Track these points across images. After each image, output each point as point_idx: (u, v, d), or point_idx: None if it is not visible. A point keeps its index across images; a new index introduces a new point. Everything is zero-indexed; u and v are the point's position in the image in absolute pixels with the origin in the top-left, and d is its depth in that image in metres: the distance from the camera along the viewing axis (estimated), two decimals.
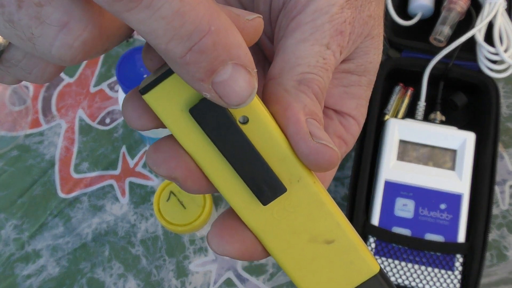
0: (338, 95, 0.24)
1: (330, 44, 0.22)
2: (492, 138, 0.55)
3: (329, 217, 0.21)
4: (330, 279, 0.22)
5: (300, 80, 0.21)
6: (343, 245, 0.21)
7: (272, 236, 0.21)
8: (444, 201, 0.53)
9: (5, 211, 0.58)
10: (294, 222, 0.21)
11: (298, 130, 0.20)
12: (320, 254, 0.21)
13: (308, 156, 0.20)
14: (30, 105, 0.61)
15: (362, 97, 0.24)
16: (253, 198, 0.20)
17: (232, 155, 0.20)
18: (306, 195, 0.21)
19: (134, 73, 0.45)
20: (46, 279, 0.56)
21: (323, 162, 0.20)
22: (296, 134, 0.20)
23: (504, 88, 0.61)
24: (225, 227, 0.21)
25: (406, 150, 0.54)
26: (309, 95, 0.21)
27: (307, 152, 0.20)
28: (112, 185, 0.59)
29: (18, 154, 0.60)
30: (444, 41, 0.58)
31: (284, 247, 0.21)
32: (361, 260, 0.22)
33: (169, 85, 0.19)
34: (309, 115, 0.21)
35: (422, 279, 0.52)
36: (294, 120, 0.20)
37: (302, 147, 0.20)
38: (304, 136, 0.20)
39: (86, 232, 0.57)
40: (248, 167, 0.20)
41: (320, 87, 0.21)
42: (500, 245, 0.56)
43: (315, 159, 0.20)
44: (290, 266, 0.22)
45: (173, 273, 0.56)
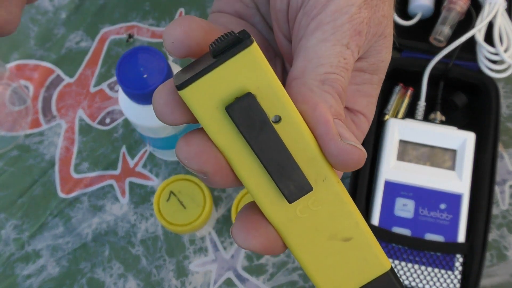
0: (351, 93, 0.25)
1: (350, 44, 0.22)
2: (492, 138, 0.55)
3: (349, 215, 0.22)
4: (344, 274, 0.22)
5: (324, 80, 0.21)
6: (360, 242, 0.22)
7: (293, 233, 0.22)
8: (444, 201, 0.53)
9: (5, 211, 0.58)
10: (316, 220, 0.22)
11: (327, 131, 0.20)
12: (337, 250, 0.22)
13: (338, 157, 0.20)
14: (30, 105, 0.61)
15: (373, 95, 0.25)
16: (279, 195, 0.21)
17: (263, 153, 0.20)
18: (330, 194, 0.21)
19: (134, 73, 0.45)
20: (46, 279, 0.56)
21: (351, 162, 0.20)
22: (326, 135, 0.20)
23: (504, 88, 0.61)
24: (250, 221, 0.21)
25: (406, 150, 0.54)
26: (334, 96, 0.21)
27: (336, 152, 0.20)
28: (112, 185, 0.59)
29: (18, 154, 0.60)
30: (444, 41, 0.58)
31: (303, 243, 0.22)
32: (375, 257, 0.22)
33: (207, 82, 0.20)
34: (335, 116, 0.21)
35: (422, 279, 0.52)
36: (324, 121, 0.21)
37: (332, 147, 0.20)
38: (334, 137, 0.20)
39: (86, 232, 0.57)
40: (278, 165, 0.20)
41: (343, 87, 0.22)
42: (500, 245, 0.56)
43: (343, 160, 0.20)
44: (307, 261, 0.22)
45: (173, 273, 0.56)
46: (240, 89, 0.20)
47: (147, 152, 0.60)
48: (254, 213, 0.22)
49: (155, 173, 0.59)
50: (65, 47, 0.63)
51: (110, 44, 0.63)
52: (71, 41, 0.63)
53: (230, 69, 0.19)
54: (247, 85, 0.20)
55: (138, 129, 0.52)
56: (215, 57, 0.19)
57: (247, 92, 0.20)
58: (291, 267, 0.55)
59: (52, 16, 0.64)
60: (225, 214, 0.57)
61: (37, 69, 0.63)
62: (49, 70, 0.63)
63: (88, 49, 0.63)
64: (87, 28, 0.64)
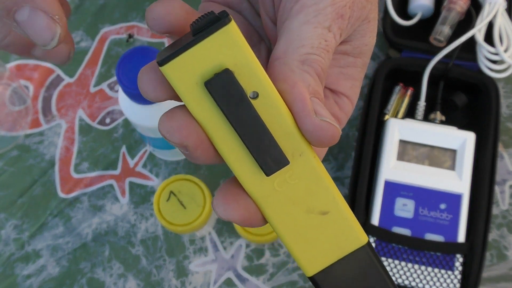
0: (335, 75, 0.25)
1: (332, 27, 0.23)
2: (492, 138, 0.55)
3: (326, 190, 0.22)
4: (321, 247, 0.23)
5: (304, 61, 0.22)
6: (336, 216, 0.23)
7: (271, 205, 0.22)
8: (444, 201, 0.53)
9: (5, 211, 0.58)
10: (294, 193, 0.22)
11: (304, 108, 0.21)
12: (315, 224, 0.23)
13: (313, 133, 0.21)
14: (30, 105, 0.61)
15: (357, 78, 0.26)
16: (257, 169, 0.22)
17: (241, 127, 0.21)
18: (306, 168, 0.22)
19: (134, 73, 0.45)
20: (46, 279, 0.56)
21: (325, 138, 0.21)
22: (302, 111, 0.21)
23: (504, 88, 0.61)
24: (230, 193, 0.22)
25: (406, 150, 0.54)
26: (313, 75, 0.22)
27: (311, 128, 0.21)
28: (112, 185, 0.59)
29: (18, 154, 0.60)
30: (444, 41, 0.58)
31: (281, 216, 0.23)
32: (352, 231, 0.23)
33: (187, 59, 0.20)
34: (312, 94, 0.22)
35: (422, 279, 0.52)
36: (301, 98, 0.21)
37: (307, 123, 0.21)
38: (309, 114, 0.21)
39: (86, 232, 0.57)
40: (256, 139, 0.21)
41: (322, 68, 0.23)
42: (500, 245, 0.56)
43: (318, 135, 0.21)
44: (285, 234, 0.23)
45: (173, 273, 0.56)
46: (219, 65, 0.21)
47: (147, 152, 0.60)
48: (235, 186, 0.23)
49: (155, 173, 0.59)
50: None
51: (110, 44, 0.63)
52: None
53: (209, 46, 0.20)
54: (225, 62, 0.21)
55: (138, 129, 0.52)
56: (195, 35, 0.20)
57: (225, 69, 0.20)
58: (291, 267, 0.55)
59: None
60: None
61: (37, 69, 0.63)
62: (49, 70, 0.63)
63: (88, 49, 0.63)
64: (87, 28, 0.64)
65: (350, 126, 0.60)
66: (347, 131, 0.60)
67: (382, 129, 0.56)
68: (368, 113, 0.57)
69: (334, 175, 0.58)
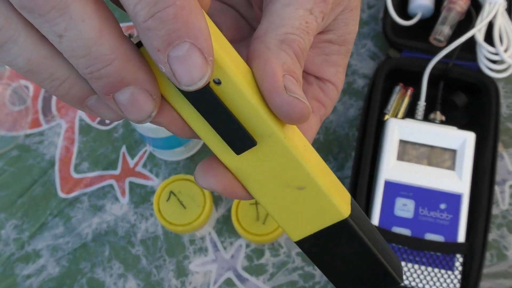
0: (319, 62, 0.26)
1: (313, 10, 0.23)
2: (492, 138, 0.55)
3: (298, 168, 0.23)
4: (303, 218, 0.24)
5: (283, 40, 0.22)
6: (313, 192, 0.23)
7: (249, 179, 0.23)
8: (444, 201, 0.53)
9: (5, 211, 0.58)
10: (268, 169, 0.23)
11: (273, 84, 0.21)
12: (293, 197, 0.24)
13: (281, 108, 0.21)
14: (30, 105, 0.61)
15: (341, 64, 0.26)
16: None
17: (206, 112, 0.21)
18: (277, 148, 0.22)
19: None
20: (46, 279, 0.56)
21: (294, 114, 0.21)
22: (272, 87, 0.21)
23: (504, 88, 0.61)
24: (210, 164, 0.23)
25: (406, 150, 0.54)
26: (290, 54, 0.22)
27: (279, 104, 0.21)
28: (112, 185, 0.59)
29: (18, 154, 0.60)
30: (444, 41, 0.58)
31: (261, 189, 0.23)
32: (331, 205, 0.24)
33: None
34: (287, 72, 0.22)
35: (422, 279, 0.52)
36: (271, 74, 0.21)
37: (276, 99, 0.21)
38: (278, 90, 0.21)
39: (86, 232, 0.57)
40: (220, 123, 0.21)
41: (301, 48, 0.23)
42: (500, 245, 0.56)
43: (286, 111, 0.21)
44: (268, 204, 0.24)
45: (173, 273, 0.56)
46: None
47: (147, 152, 0.60)
48: (215, 160, 0.23)
49: (155, 173, 0.59)
50: None
51: None
52: None
53: None
54: None
55: (138, 129, 0.52)
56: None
57: None
58: (291, 267, 0.55)
59: None
60: (225, 214, 0.57)
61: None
62: None
63: None
64: None
65: (350, 126, 0.60)
66: (347, 131, 0.60)
67: (382, 129, 0.56)
68: (368, 113, 0.57)
69: (334, 175, 0.58)
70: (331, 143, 0.59)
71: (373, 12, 0.65)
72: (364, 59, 0.63)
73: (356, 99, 0.61)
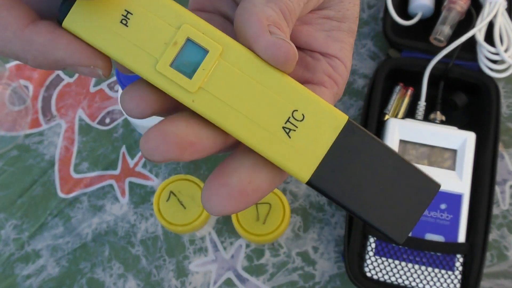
0: (322, 38, 0.26)
1: None
2: (492, 138, 0.55)
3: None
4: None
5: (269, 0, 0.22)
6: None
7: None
8: (444, 201, 0.53)
9: (5, 211, 0.58)
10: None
11: (257, 28, 0.21)
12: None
13: (266, 50, 0.21)
14: (30, 105, 0.61)
15: (345, 41, 0.26)
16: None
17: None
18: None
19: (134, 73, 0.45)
20: (46, 279, 0.56)
21: (280, 55, 0.21)
22: (255, 32, 0.21)
23: (504, 88, 0.61)
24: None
25: (406, 150, 0.54)
26: (275, 10, 0.22)
27: (264, 45, 0.21)
28: (112, 185, 0.59)
29: (18, 154, 0.60)
30: (444, 41, 0.58)
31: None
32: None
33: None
34: (272, 23, 0.22)
35: (422, 279, 0.51)
36: (255, 21, 0.21)
37: (261, 42, 0.21)
38: (262, 32, 0.21)
39: (86, 232, 0.57)
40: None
41: (289, 10, 0.23)
42: (500, 245, 0.56)
43: (272, 52, 0.21)
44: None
45: (173, 273, 0.56)
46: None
47: None
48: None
49: (155, 173, 0.59)
50: None
51: None
52: None
53: None
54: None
55: (138, 129, 0.52)
56: None
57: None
58: (291, 267, 0.55)
59: None
60: None
61: (37, 69, 0.63)
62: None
63: None
64: None
65: None
66: None
67: (382, 129, 0.56)
68: (368, 113, 0.56)
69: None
70: None
71: (373, 12, 0.65)
72: (364, 59, 0.63)
73: (356, 99, 0.61)
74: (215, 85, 0.21)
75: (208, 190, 0.21)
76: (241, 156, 0.22)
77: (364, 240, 0.53)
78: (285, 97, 0.21)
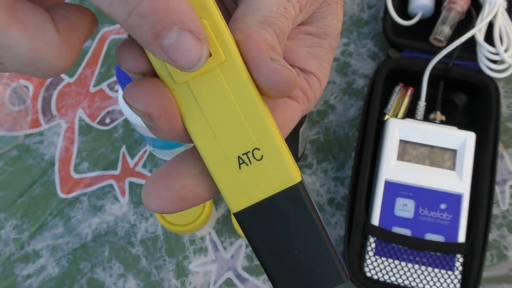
0: (302, 54, 0.26)
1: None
2: (492, 138, 0.55)
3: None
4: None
5: (262, 21, 0.22)
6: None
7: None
8: (444, 201, 0.53)
9: (5, 211, 0.58)
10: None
11: (258, 53, 0.21)
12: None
13: (268, 76, 0.21)
14: (30, 105, 0.61)
15: (324, 59, 0.26)
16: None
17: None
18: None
19: None
20: (46, 279, 0.56)
21: (281, 82, 0.21)
22: (257, 56, 0.21)
23: (504, 88, 0.61)
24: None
25: (406, 150, 0.54)
26: (270, 33, 0.22)
27: (266, 72, 0.21)
28: (112, 185, 0.59)
29: (18, 154, 0.60)
30: (444, 41, 0.58)
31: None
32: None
33: None
34: (269, 47, 0.22)
35: (422, 279, 0.51)
36: (255, 45, 0.21)
37: (263, 67, 0.21)
38: (265, 58, 0.21)
39: (86, 232, 0.57)
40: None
41: (281, 31, 0.22)
42: (500, 245, 0.56)
43: (274, 79, 0.21)
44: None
45: (173, 273, 0.56)
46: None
47: (147, 152, 0.60)
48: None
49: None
50: None
51: (110, 44, 0.63)
52: None
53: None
54: None
55: (138, 129, 0.52)
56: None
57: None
58: None
59: None
60: (225, 214, 0.57)
61: None
62: None
63: (88, 49, 0.63)
64: None
65: (350, 126, 0.60)
66: (347, 131, 0.60)
67: (382, 129, 0.56)
68: (368, 113, 0.56)
69: (334, 175, 0.58)
70: (331, 143, 0.59)
71: (373, 12, 0.65)
72: (364, 59, 0.63)
73: (356, 99, 0.61)
74: (200, 87, 0.21)
75: (149, 187, 0.22)
76: (190, 161, 0.22)
77: (364, 240, 0.53)
78: (255, 132, 0.22)
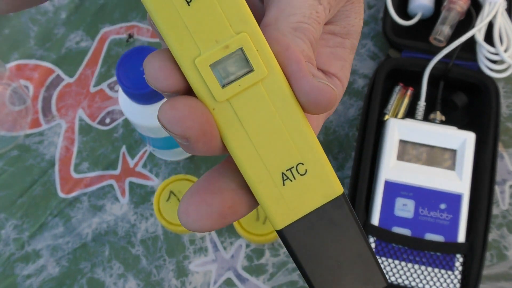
0: (326, 55, 0.25)
1: (322, 0, 0.23)
2: (492, 138, 0.55)
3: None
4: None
5: (296, 28, 0.22)
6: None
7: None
8: (444, 201, 0.53)
9: (5, 211, 0.58)
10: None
11: (300, 68, 0.20)
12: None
13: (310, 93, 0.20)
14: (30, 105, 0.61)
15: (346, 59, 0.26)
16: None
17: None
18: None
19: (134, 73, 0.45)
20: (46, 279, 0.56)
21: (323, 100, 0.20)
22: (299, 72, 0.20)
23: (504, 88, 0.61)
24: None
25: (406, 150, 0.54)
26: (305, 42, 0.22)
27: (308, 89, 0.20)
28: (112, 185, 0.59)
29: (18, 154, 0.60)
30: (444, 41, 0.58)
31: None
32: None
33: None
34: (306, 59, 0.21)
35: (422, 279, 0.52)
36: (296, 59, 0.21)
37: (304, 84, 0.20)
38: (306, 74, 0.20)
39: (86, 232, 0.57)
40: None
41: (314, 37, 0.22)
42: (500, 245, 0.56)
43: (315, 97, 0.20)
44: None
45: (173, 273, 0.56)
46: None
47: (147, 152, 0.60)
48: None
49: (155, 173, 0.59)
50: (65, 47, 0.63)
51: (110, 44, 0.63)
52: (71, 41, 0.63)
53: None
54: None
55: (138, 129, 0.52)
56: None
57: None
58: (291, 267, 0.55)
59: (52, 16, 0.64)
60: None
61: (37, 69, 0.63)
62: (49, 70, 0.63)
63: (88, 49, 0.63)
64: (87, 28, 0.64)
65: (350, 126, 0.60)
66: (347, 131, 0.60)
67: (382, 129, 0.56)
68: (368, 113, 0.57)
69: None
70: (331, 143, 0.59)
71: (373, 12, 0.65)
72: (364, 59, 0.63)
73: (356, 99, 0.61)
74: (242, 104, 0.20)
75: (187, 203, 0.21)
76: (228, 175, 0.22)
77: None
78: (299, 147, 0.21)
